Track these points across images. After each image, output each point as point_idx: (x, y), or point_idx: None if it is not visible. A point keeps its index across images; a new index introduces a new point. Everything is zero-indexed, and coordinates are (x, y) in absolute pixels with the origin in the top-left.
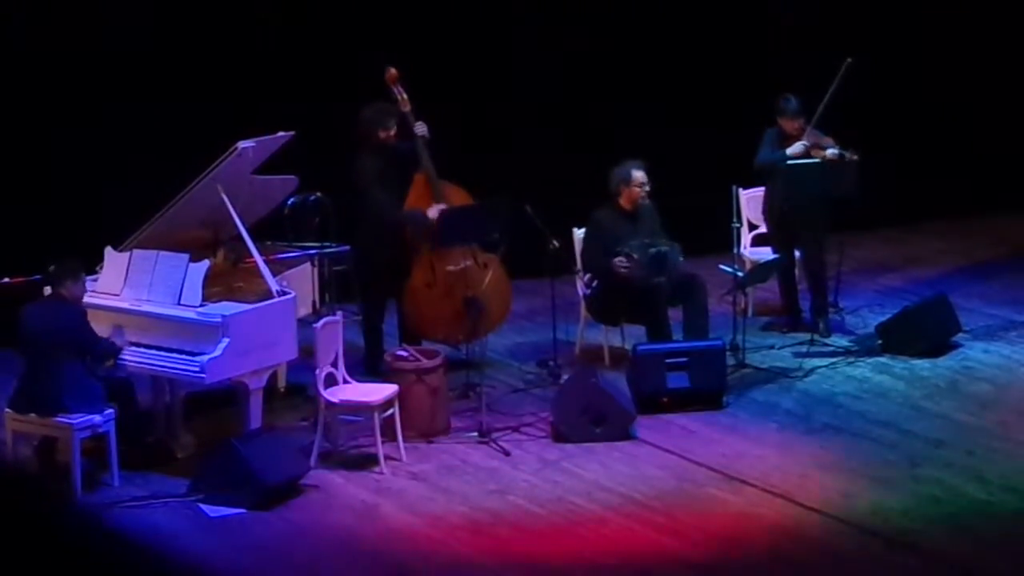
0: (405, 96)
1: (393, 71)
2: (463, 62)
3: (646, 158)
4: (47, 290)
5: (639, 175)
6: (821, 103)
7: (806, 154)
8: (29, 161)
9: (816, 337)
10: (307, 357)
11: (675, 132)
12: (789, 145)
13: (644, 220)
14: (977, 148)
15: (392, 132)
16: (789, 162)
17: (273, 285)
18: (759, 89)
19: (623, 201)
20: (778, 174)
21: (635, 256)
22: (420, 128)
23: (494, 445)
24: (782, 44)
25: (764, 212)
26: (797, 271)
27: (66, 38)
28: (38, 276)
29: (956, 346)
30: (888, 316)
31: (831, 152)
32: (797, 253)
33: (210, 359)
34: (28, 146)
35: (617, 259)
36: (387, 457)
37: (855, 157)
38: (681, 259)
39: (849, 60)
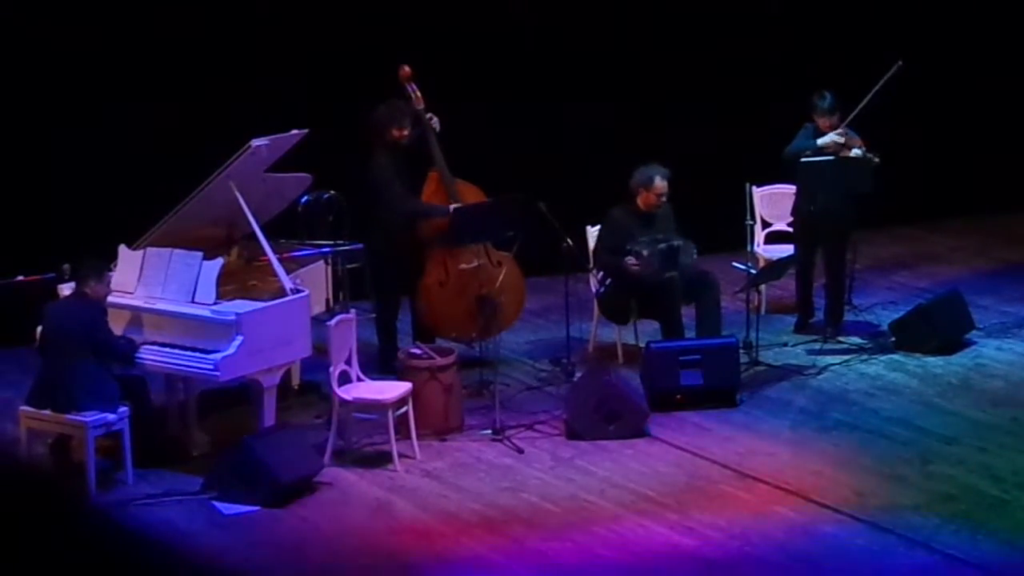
0: (419, 94)
1: (407, 69)
2: (476, 59)
3: (659, 156)
4: (63, 288)
5: (661, 184)
6: (861, 102)
7: (837, 148)
8: (41, 160)
9: (825, 340)
10: (321, 355)
11: (688, 130)
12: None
13: (659, 221)
14: (992, 146)
15: (405, 131)
16: (803, 159)
17: (287, 283)
18: (774, 87)
19: (640, 202)
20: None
21: (644, 253)
22: (432, 121)
23: (508, 443)
24: (790, 41)
25: (793, 210)
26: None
27: (79, 34)
28: (52, 274)
29: (969, 343)
30: (902, 313)
31: (855, 152)
32: (820, 253)
33: (224, 357)
34: (39, 144)
35: (627, 258)
36: (401, 455)
37: (876, 160)
38: (695, 255)
39: (900, 63)
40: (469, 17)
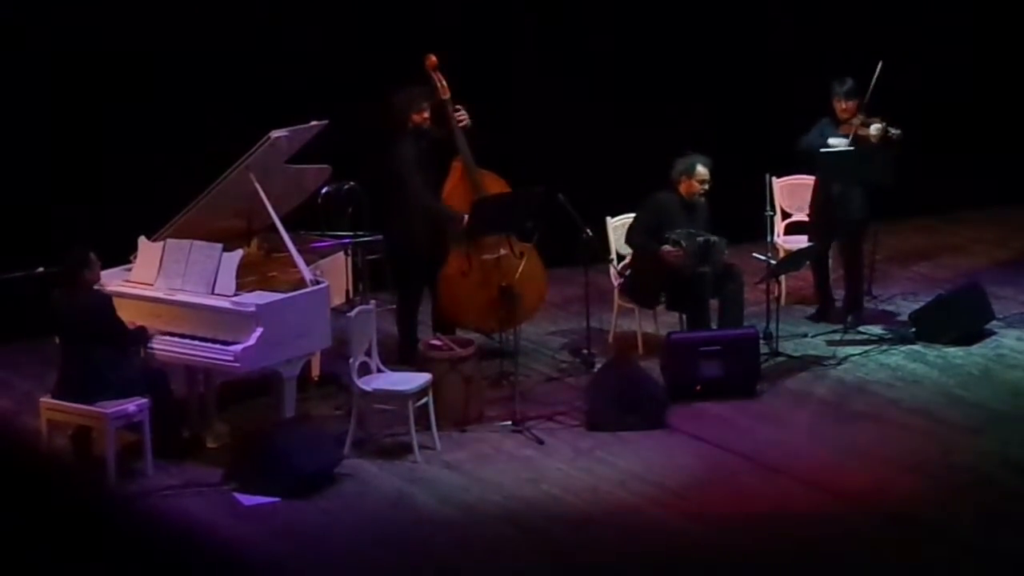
0: (445, 83)
1: (433, 58)
2: (498, 51)
3: (678, 148)
4: None
5: (703, 171)
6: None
7: (856, 131)
8: (61, 153)
9: (845, 329)
10: (341, 346)
11: (707, 121)
12: (842, 132)
13: (699, 213)
14: (1013, 137)
15: (426, 114)
16: (823, 149)
17: (307, 274)
18: (793, 78)
19: (682, 191)
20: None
21: (683, 244)
22: (461, 116)
23: (528, 434)
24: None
25: (812, 201)
26: (832, 261)
27: (95, 30)
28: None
29: (990, 334)
30: (922, 304)
31: (875, 128)
32: (834, 243)
33: (244, 348)
34: (58, 139)
35: (665, 247)
36: (421, 446)
37: (898, 131)
38: (726, 252)
39: (880, 63)
40: (489, 7)
